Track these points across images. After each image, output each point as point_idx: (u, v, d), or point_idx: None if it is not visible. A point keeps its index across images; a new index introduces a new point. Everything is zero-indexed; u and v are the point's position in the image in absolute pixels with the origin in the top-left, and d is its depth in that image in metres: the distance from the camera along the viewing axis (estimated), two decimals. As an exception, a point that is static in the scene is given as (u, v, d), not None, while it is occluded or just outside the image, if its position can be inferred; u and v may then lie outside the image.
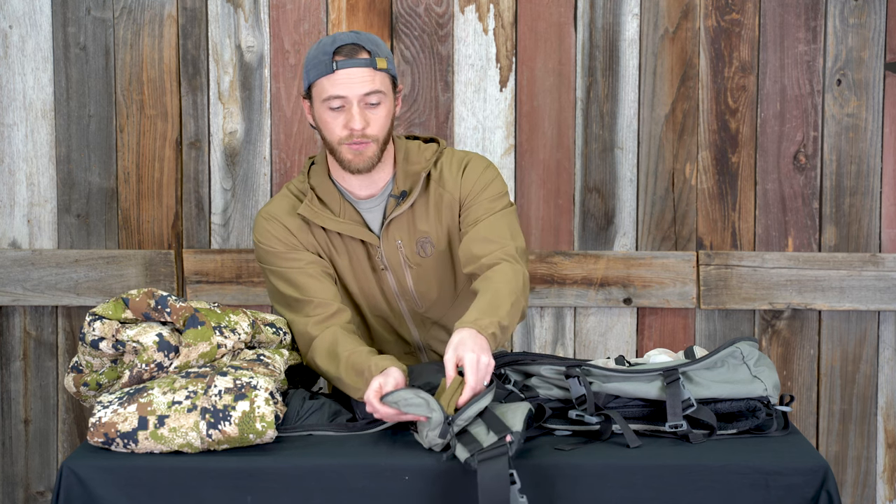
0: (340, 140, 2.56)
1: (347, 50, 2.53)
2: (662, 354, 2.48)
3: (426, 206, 2.65)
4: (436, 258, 2.67)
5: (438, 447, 2.21)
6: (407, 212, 2.65)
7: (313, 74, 2.55)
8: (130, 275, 3.43)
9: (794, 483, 2.17)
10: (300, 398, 2.44)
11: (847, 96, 3.39)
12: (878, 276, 3.40)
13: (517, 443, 2.12)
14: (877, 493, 3.50)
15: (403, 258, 2.66)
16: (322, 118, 2.57)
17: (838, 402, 3.48)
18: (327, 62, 2.53)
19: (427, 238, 2.66)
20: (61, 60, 3.41)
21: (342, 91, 2.52)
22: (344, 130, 2.55)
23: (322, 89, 2.54)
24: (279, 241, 2.65)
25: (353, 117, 2.53)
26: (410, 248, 2.66)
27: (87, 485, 2.19)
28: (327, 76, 2.53)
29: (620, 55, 3.39)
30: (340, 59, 2.52)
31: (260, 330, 2.50)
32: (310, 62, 2.57)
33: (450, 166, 2.67)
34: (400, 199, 2.64)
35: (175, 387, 2.27)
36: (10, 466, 3.54)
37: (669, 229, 3.43)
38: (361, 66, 2.53)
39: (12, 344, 3.50)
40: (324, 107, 2.55)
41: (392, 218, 2.63)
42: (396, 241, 2.65)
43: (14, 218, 3.46)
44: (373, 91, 2.53)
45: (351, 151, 2.56)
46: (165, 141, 3.43)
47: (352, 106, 2.53)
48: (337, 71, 2.52)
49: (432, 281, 2.70)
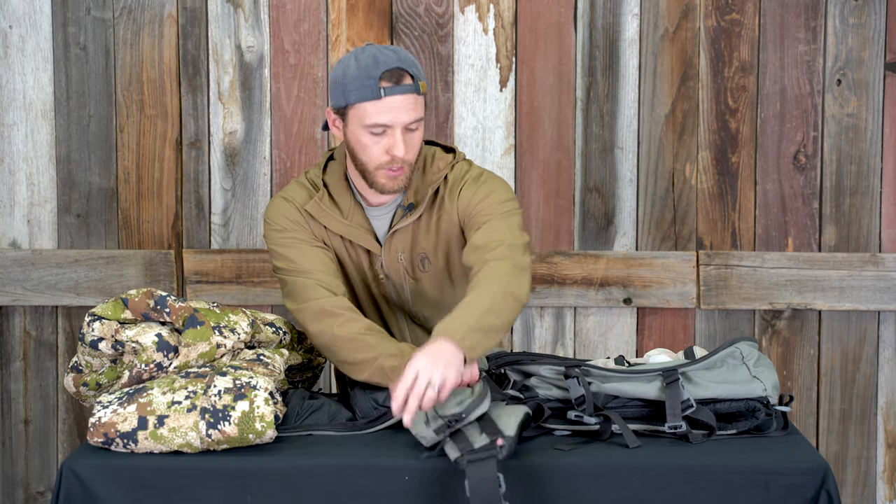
0: (379, 165, 2.51)
1: (393, 75, 2.46)
2: (662, 354, 2.48)
3: (428, 222, 2.61)
4: (432, 275, 2.65)
5: (427, 441, 2.20)
6: (412, 225, 2.61)
7: (355, 97, 2.47)
8: (130, 275, 3.43)
9: (794, 483, 2.17)
10: (300, 398, 2.44)
11: (847, 96, 3.39)
12: (878, 276, 3.40)
13: (507, 448, 2.12)
14: (877, 493, 3.50)
15: (404, 270, 2.63)
16: (359, 140, 2.51)
17: (838, 402, 3.48)
18: (373, 87, 2.45)
19: (425, 255, 2.63)
20: (61, 60, 3.41)
21: (388, 120, 2.47)
22: (385, 156, 2.50)
23: (365, 113, 2.47)
24: (289, 221, 2.61)
25: (396, 144, 2.48)
26: (410, 262, 2.63)
27: (87, 485, 2.19)
28: (373, 102, 2.46)
29: (620, 55, 3.39)
30: (387, 86, 2.46)
31: (259, 330, 2.50)
32: (350, 82, 2.48)
33: (451, 187, 2.61)
34: (408, 210, 2.60)
35: (175, 387, 2.27)
36: (10, 466, 3.54)
37: (669, 229, 3.43)
38: (407, 92, 2.47)
39: (12, 344, 3.50)
40: (364, 130, 2.49)
41: (397, 229, 2.60)
42: (398, 253, 2.62)
43: (14, 218, 3.46)
44: (417, 119, 2.50)
45: (387, 177, 2.52)
46: (165, 141, 3.43)
47: (395, 132, 2.48)
48: (384, 98, 2.46)
49: (429, 297, 2.67)
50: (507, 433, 2.15)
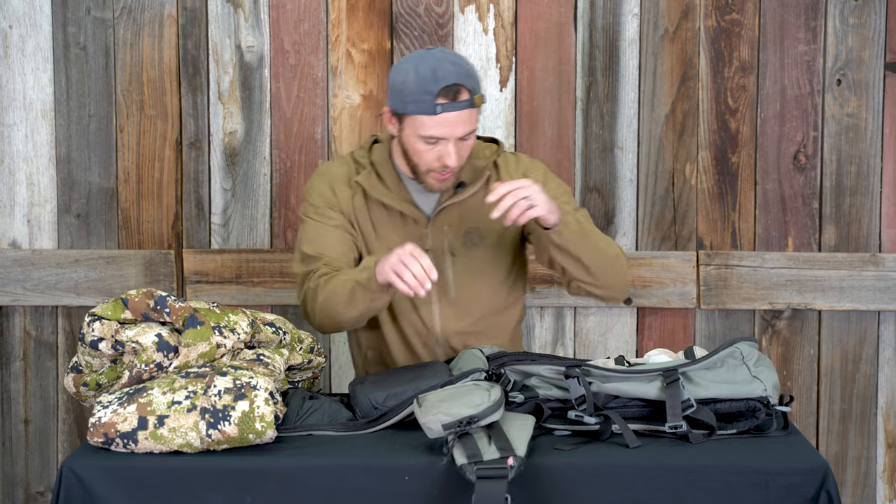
0: (430, 169, 2.65)
1: (450, 92, 2.56)
2: (662, 354, 2.48)
3: (482, 202, 2.69)
4: (483, 250, 2.76)
5: (432, 434, 2.19)
6: (460, 203, 2.73)
7: (412, 109, 2.58)
8: (130, 275, 3.43)
9: (794, 483, 2.17)
10: (300, 398, 2.44)
11: (847, 96, 3.39)
12: (878, 276, 3.40)
13: (517, 469, 2.11)
14: (877, 493, 3.50)
15: (447, 244, 2.74)
16: (413, 146, 2.63)
17: (838, 402, 3.48)
18: (430, 102, 2.56)
19: (476, 231, 2.74)
20: (61, 60, 3.41)
21: (443, 133, 2.59)
22: (436, 163, 2.63)
23: (421, 125, 2.59)
24: (321, 197, 2.76)
25: (449, 155, 2.61)
26: (457, 237, 2.74)
27: (87, 485, 2.19)
28: (429, 117, 2.57)
29: (620, 55, 3.39)
30: (444, 103, 2.56)
31: (259, 329, 2.50)
32: (408, 94, 2.58)
33: (507, 167, 2.78)
34: (459, 189, 2.73)
35: (175, 387, 2.27)
36: (10, 466, 3.54)
37: (669, 229, 3.43)
38: (463, 108, 2.58)
39: (12, 344, 3.50)
40: (418, 139, 2.61)
41: (447, 204, 2.72)
42: (444, 227, 2.73)
43: (14, 218, 3.46)
44: (470, 131, 2.62)
45: (436, 179, 2.66)
46: (165, 141, 3.43)
47: (448, 144, 2.60)
48: (439, 115, 2.57)
49: (474, 273, 2.76)
50: (518, 453, 2.14)
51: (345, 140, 3.41)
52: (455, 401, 2.21)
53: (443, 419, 2.17)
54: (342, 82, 3.40)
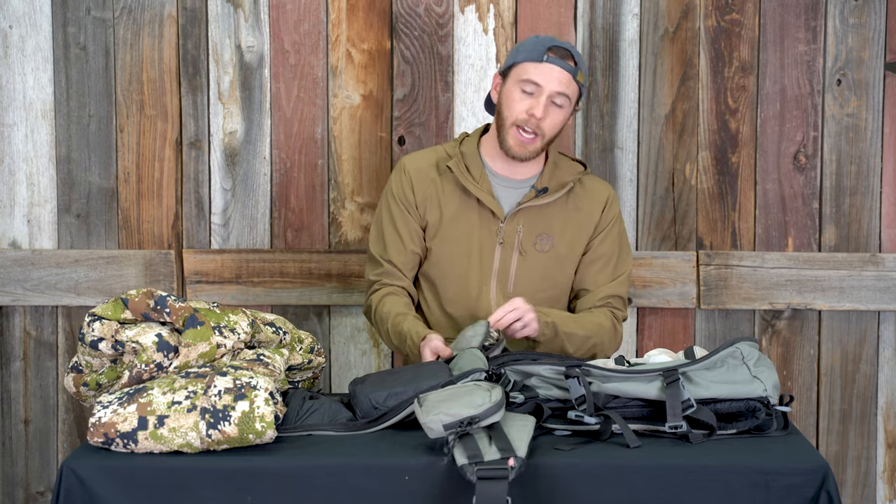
0: (516, 120, 2.82)
1: (561, 52, 2.81)
2: (662, 354, 2.48)
3: (560, 212, 2.90)
4: (549, 257, 2.89)
5: (433, 434, 2.19)
6: (539, 207, 2.89)
7: (522, 56, 2.82)
8: (130, 275, 3.43)
9: (794, 483, 2.17)
10: (300, 398, 2.44)
11: (847, 96, 3.39)
12: (878, 276, 3.40)
13: (518, 470, 2.12)
14: (877, 493, 3.50)
15: (518, 242, 2.88)
16: (510, 94, 2.82)
17: (838, 402, 3.48)
18: (540, 52, 2.80)
19: (549, 236, 2.89)
20: (61, 60, 3.41)
21: (541, 80, 2.79)
22: (524, 114, 2.80)
23: (524, 70, 2.80)
24: (399, 190, 2.93)
25: (538, 105, 2.79)
26: (528, 238, 2.88)
27: (87, 485, 2.19)
28: (534, 63, 2.80)
29: (620, 55, 3.40)
30: (552, 56, 2.80)
31: (259, 329, 2.50)
32: (522, 47, 2.83)
33: (595, 189, 2.95)
34: (541, 192, 2.88)
35: (175, 387, 2.27)
36: (10, 466, 3.54)
37: (669, 229, 3.43)
38: (566, 69, 2.80)
39: (12, 344, 3.50)
40: (517, 86, 2.81)
41: (526, 205, 2.87)
42: (518, 226, 2.88)
43: (14, 218, 3.46)
44: (563, 92, 2.80)
45: (517, 139, 2.83)
46: (165, 141, 3.43)
47: (541, 96, 2.79)
48: (545, 63, 2.79)
49: (536, 275, 2.89)
50: (518, 454, 2.14)
51: (345, 140, 3.41)
52: (456, 401, 2.21)
53: (444, 419, 2.17)
54: (342, 82, 3.40)
